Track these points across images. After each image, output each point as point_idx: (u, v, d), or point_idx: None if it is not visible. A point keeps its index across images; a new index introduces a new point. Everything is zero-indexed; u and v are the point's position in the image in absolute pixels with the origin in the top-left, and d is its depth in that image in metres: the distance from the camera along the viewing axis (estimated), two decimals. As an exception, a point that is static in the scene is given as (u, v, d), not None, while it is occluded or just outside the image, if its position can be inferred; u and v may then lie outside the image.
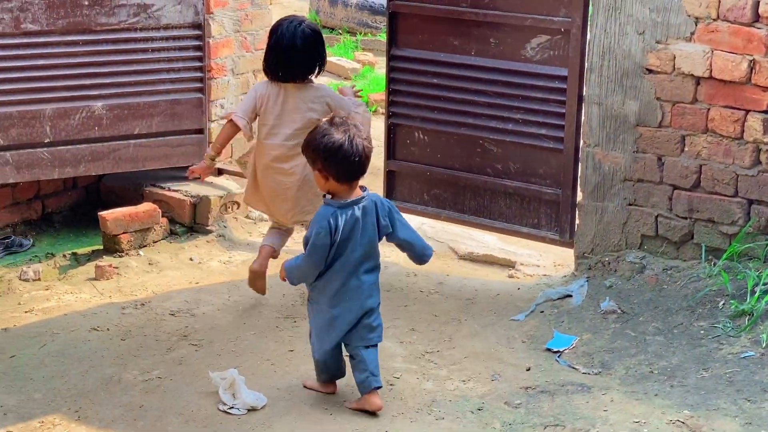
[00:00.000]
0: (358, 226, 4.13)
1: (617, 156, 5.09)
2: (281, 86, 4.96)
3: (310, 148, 4.16)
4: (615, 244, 5.18)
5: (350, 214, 4.12)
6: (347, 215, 4.11)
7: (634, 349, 4.61)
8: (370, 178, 7.13)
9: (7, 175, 5.73)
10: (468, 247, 5.88)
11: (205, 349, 4.71)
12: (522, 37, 5.35)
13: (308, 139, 4.19)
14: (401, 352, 4.71)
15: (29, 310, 5.12)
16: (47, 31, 5.70)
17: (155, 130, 6.05)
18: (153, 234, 5.90)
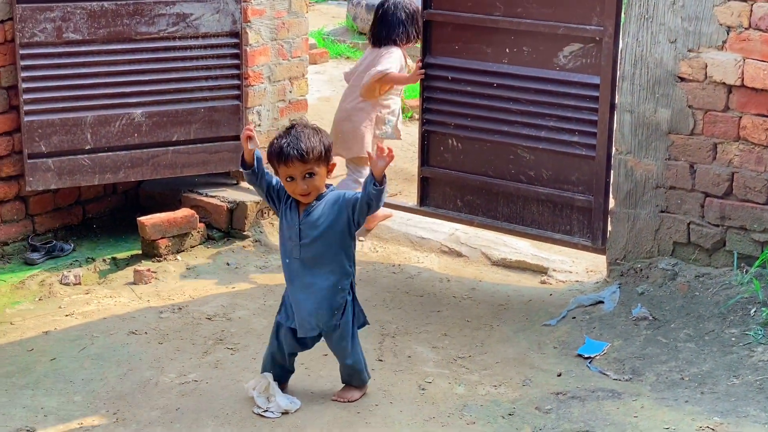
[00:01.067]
0: None
1: (649, 163, 5.12)
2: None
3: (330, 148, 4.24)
4: (647, 251, 5.20)
5: None
6: None
7: (665, 356, 4.63)
8: (405, 185, 7.23)
9: (48, 181, 5.86)
10: (501, 253, 5.93)
11: (240, 353, 4.79)
12: (555, 46, 5.39)
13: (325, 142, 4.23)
14: (433, 357, 4.76)
15: (70, 313, 5.22)
16: (89, 41, 5.82)
17: (193, 137, 6.15)
18: (190, 239, 6.00)
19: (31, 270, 5.74)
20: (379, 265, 5.83)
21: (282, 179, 4.22)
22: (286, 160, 4.14)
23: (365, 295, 5.41)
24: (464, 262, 5.91)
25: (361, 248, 6.06)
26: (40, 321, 5.13)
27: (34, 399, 4.40)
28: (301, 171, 4.15)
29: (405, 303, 5.34)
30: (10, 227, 5.90)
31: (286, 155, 4.13)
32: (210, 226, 6.16)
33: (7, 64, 5.69)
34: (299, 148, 4.12)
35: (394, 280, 5.63)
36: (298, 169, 4.14)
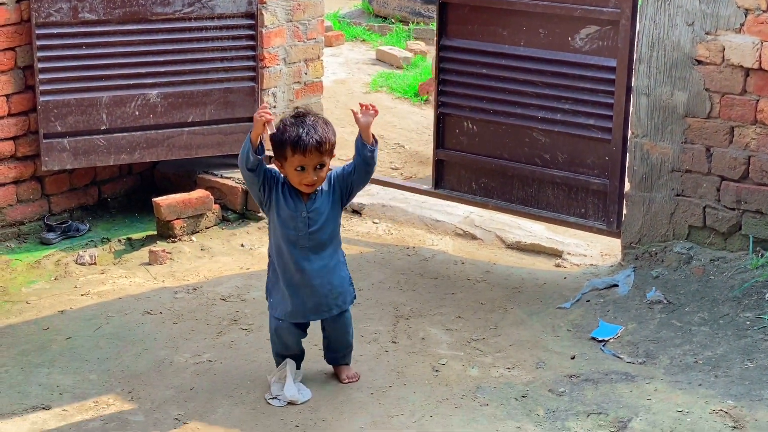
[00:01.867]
0: None
1: (665, 147, 5.10)
2: None
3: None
4: (662, 234, 5.19)
5: None
6: None
7: (679, 339, 4.63)
8: (419, 167, 7.23)
9: (64, 161, 5.88)
10: (515, 236, 5.92)
11: (254, 334, 4.81)
12: (571, 28, 5.37)
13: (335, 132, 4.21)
14: (447, 339, 4.77)
15: (85, 293, 5.25)
16: (104, 21, 5.82)
17: (208, 118, 6.16)
18: (205, 220, 6.01)
19: (47, 250, 5.77)
20: (394, 247, 5.83)
21: (290, 168, 4.11)
22: (304, 150, 4.06)
23: (379, 277, 5.42)
24: (479, 244, 5.91)
25: (375, 230, 6.07)
26: (55, 300, 5.16)
27: (49, 377, 4.43)
28: (315, 161, 4.10)
29: (419, 285, 5.34)
30: (26, 207, 5.93)
31: (305, 144, 4.06)
32: (225, 208, 6.17)
33: (23, 44, 5.70)
34: (319, 137, 4.08)
35: (409, 262, 5.63)
36: (313, 159, 4.09)
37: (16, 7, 5.64)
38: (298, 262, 4.19)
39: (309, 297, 4.24)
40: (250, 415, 4.15)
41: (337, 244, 4.28)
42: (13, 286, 5.34)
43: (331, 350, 4.44)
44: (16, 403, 4.23)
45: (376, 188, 6.43)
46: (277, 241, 4.22)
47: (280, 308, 4.27)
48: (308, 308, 4.26)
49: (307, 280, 4.21)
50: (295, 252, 4.18)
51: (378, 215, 6.23)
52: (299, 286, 4.22)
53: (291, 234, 4.17)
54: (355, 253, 5.72)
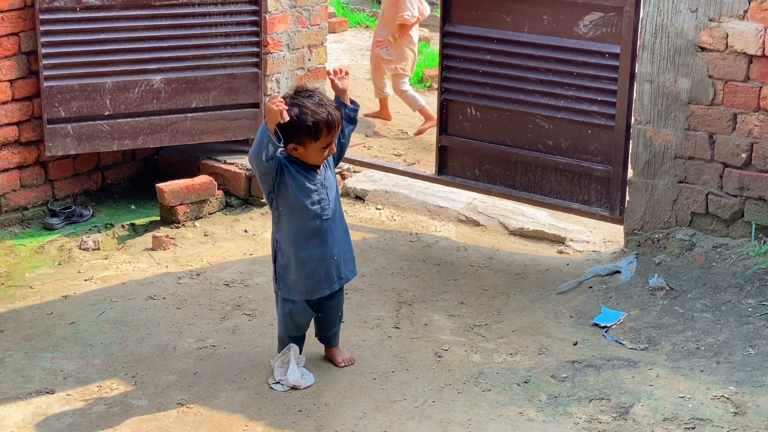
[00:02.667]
0: None
1: (668, 133, 5.10)
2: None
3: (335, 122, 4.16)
4: (665, 221, 5.20)
5: None
6: None
7: (681, 326, 4.64)
8: (423, 153, 7.23)
9: (68, 146, 5.88)
10: (518, 223, 5.93)
11: (258, 319, 4.82)
12: (575, 14, 5.37)
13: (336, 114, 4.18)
14: (450, 325, 4.78)
15: (89, 278, 5.26)
16: (108, 6, 5.82)
17: (212, 104, 6.16)
18: (209, 206, 6.02)
19: (50, 235, 5.78)
20: (397, 233, 5.84)
21: (317, 149, 4.10)
22: (333, 128, 4.10)
23: (382, 263, 5.43)
24: (482, 231, 5.91)
25: (378, 216, 6.08)
26: (59, 285, 5.17)
27: (53, 362, 4.44)
28: (333, 138, 4.15)
29: (422, 271, 5.35)
30: (30, 192, 5.94)
31: (334, 122, 4.09)
32: (228, 193, 6.18)
33: (27, 30, 5.71)
34: (338, 112, 4.15)
35: (412, 248, 5.64)
36: (333, 136, 4.14)
37: (19, -7, 5.65)
38: (326, 232, 4.20)
39: (330, 267, 4.24)
40: (253, 400, 4.17)
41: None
42: (17, 271, 5.36)
43: (324, 329, 4.45)
44: (20, 387, 4.25)
45: (379, 174, 6.43)
46: (296, 224, 4.18)
47: (296, 290, 4.24)
48: (328, 278, 4.25)
49: (329, 250, 4.22)
50: (323, 224, 4.18)
51: (381, 201, 6.23)
52: (322, 259, 4.21)
53: (316, 208, 4.16)
54: (358, 239, 5.72)
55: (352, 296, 5.02)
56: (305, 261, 4.20)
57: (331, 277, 4.26)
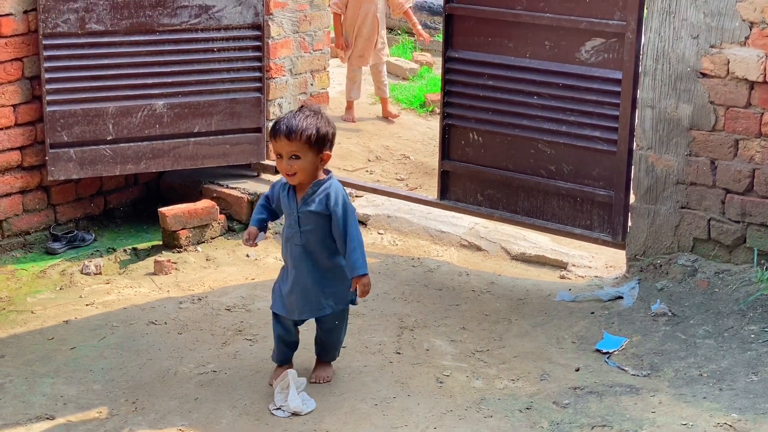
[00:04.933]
0: None
1: (670, 159, 5.11)
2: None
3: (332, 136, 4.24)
4: (667, 246, 5.19)
5: None
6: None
7: (684, 352, 4.62)
8: (425, 178, 7.24)
9: (70, 171, 5.90)
10: (520, 248, 5.92)
11: (259, 344, 4.81)
12: (576, 40, 5.38)
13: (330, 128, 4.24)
14: (451, 350, 4.77)
15: (90, 303, 5.26)
16: (111, 32, 5.85)
17: (214, 129, 6.18)
18: (211, 230, 6.02)
19: (52, 259, 5.78)
20: (399, 258, 5.84)
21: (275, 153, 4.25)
22: (275, 136, 4.19)
23: (384, 288, 5.42)
24: (483, 256, 5.91)
25: (380, 241, 6.08)
26: (60, 310, 5.17)
27: (53, 387, 4.43)
28: (287, 150, 4.17)
29: (424, 296, 5.35)
30: (32, 216, 5.95)
31: (275, 131, 4.20)
32: (230, 218, 6.18)
33: (30, 55, 5.73)
34: (289, 126, 4.16)
35: (414, 273, 5.63)
36: (284, 147, 4.17)
37: (23, 18, 5.67)
38: (293, 258, 4.32)
39: (300, 296, 4.31)
40: (254, 426, 4.15)
41: (335, 251, 4.31)
42: (19, 295, 5.36)
43: (317, 343, 4.52)
44: (21, 413, 4.24)
45: (381, 199, 6.44)
46: (282, 235, 4.40)
47: (277, 303, 4.39)
48: (298, 307, 4.34)
49: (299, 277, 4.30)
50: (292, 248, 4.31)
51: (383, 226, 6.24)
52: (294, 281, 4.31)
53: (288, 230, 4.33)
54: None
55: (354, 321, 5.01)
56: (282, 280, 4.40)
57: (304, 306, 4.33)
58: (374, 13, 8.53)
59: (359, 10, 8.56)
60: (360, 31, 8.58)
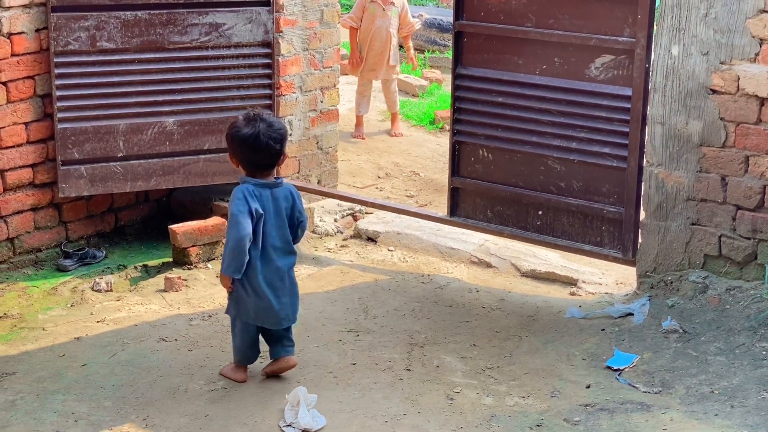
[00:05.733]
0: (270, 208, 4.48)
1: (680, 175, 5.10)
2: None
3: (227, 138, 4.55)
4: (678, 263, 5.18)
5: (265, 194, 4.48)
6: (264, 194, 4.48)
7: (695, 369, 4.61)
8: (434, 195, 7.24)
9: (81, 188, 5.91)
10: (530, 264, 5.92)
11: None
12: (586, 57, 5.39)
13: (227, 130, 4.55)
14: (461, 367, 4.76)
15: (101, 320, 5.27)
16: (122, 50, 5.88)
17: (224, 146, 6.16)
18: (221, 247, 6.02)
19: (63, 276, 5.80)
20: (409, 275, 5.84)
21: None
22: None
23: (394, 304, 5.42)
24: (493, 272, 5.91)
25: (390, 257, 6.08)
26: (71, 327, 5.18)
27: (65, 404, 4.44)
28: None
29: (434, 313, 5.34)
30: (44, 234, 5.96)
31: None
32: (240, 235, 6.18)
33: (42, 73, 5.76)
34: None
35: (424, 290, 5.63)
36: None
37: (35, 36, 5.70)
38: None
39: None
40: (264, 443, 4.15)
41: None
42: (30, 312, 5.37)
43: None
44: (32, 430, 4.24)
45: (391, 216, 6.44)
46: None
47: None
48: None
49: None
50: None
51: (393, 243, 6.24)
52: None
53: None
54: (369, 280, 5.73)
55: (364, 338, 5.02)
56: None
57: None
58: (387, 27, 8.57)
59: (372, 25, 8.61)
60: (372, 45, 8.62)
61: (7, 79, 5.63)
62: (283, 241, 4.51)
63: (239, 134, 4.43)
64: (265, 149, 4.43)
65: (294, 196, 4.54)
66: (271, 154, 4.45)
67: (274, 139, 4.43)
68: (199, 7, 5.99)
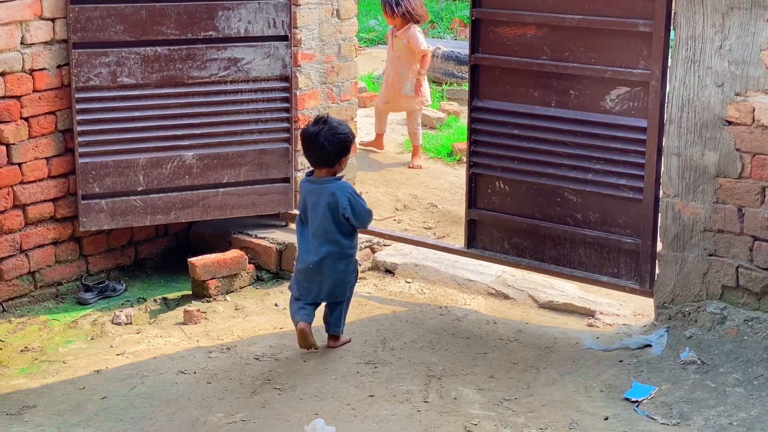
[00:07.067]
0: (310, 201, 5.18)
1: (697, 206, 5.11)
2: None
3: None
4: (695, 294, 5.18)
5: (311, 189, 5.20)
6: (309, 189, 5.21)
7: (714, 400, 4.60)
8: (452, 227, 7.26)
9: (102, 222, 5.97)
10: (548, 296, 5.92)
11: (287, 393, 4.83)
12: (602, 89, 5.42)
13: None
14: (479, 399, 4.77)
15: (121, 353, 5.30)
16: (142, 85, 5.95)
17: (243, 179, 6.25)
18: (240, 280, 6.07)
19: (84, 309, 5.84)
20: (426, 306, 5.85)
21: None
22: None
23: (412, 336, 5.43)
24: (511, 304, 5.92)
25: (408, 289, 6.10)
26: (91, 360, 5.22)
27: (84, 437, 4.47)
28: None
29: (451, 344, 5.35)
30: (65, 267, 6.02)
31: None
32: (259, 267, 6.23)
33: (63, 108, 5.83)
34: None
35: (441, 321, 5.65)
36: None
37: (56, 72, 5.78)
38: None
39: None
40: (282, 476, 4.16)
41: None
42: (51, 345, 5.41)
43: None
44: (52, 462, 4.27)
45: (409, 248, 6.47)
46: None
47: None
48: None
49: None
50: None
51: (411, 275, 6.26)
52: None
53: None
54: (387, 312, 5.75)
55: (382, 369, 5.03)
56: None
57: None
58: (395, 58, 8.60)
59: (387, 57, 8.69)
60: (386, 77, 8.68)
61: (29, 115, 5.71)
62: (322, 231, 5.15)
63: (305, 132, 5.21)
64: (320, 149, 5.12)
65: (338, 195, 5.13)
66: (325, 153, 5.13)
67: (331, 142, 5.11)
68: (218, 42, 6.06)
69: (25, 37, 5.63)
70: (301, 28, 6.36)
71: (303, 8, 6.35)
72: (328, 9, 6.52)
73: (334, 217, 5.13)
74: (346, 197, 5.13)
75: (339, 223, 5.14)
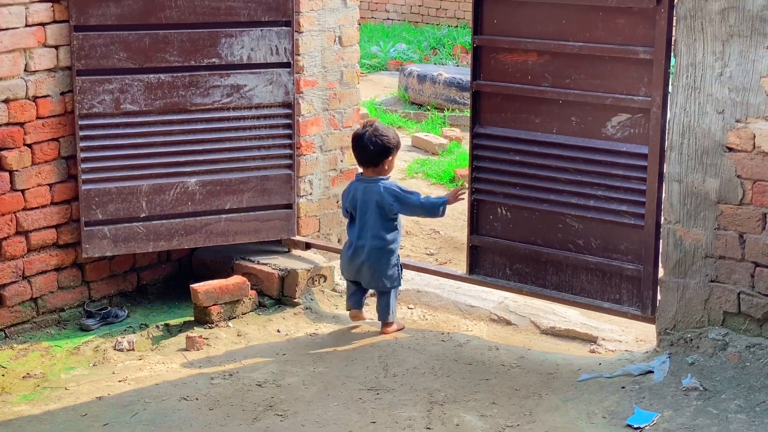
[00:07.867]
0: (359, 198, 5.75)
1: (698, 233, 5.12)
2: None
3: None
4: (697, 320, 5.18)
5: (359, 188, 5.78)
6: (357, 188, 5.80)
7: (716, 427, 4.60)
8: (454, 253, 7.27)
9: (104, 248, 5.98)
10: (550, 322, 5.93)
11: (290, 420, 4.83)
12: (603, 116, 5.44)
13: None
14: (481, 425, 4.76)
15: (123, 379, 5.30)
16: (145, 112, 5.98)
17: (246, 205, 6.26)
18: (242, 306, 6.07)
19: (86, 336, 5.85)
20: (428, 332, 5.85)
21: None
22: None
23: (414, 362, 5.43)
24: (513, 330, 5.92)
25: (410, 315, 6.10)
26: (93, 386, 5.22)
27: (86, 463, 4.46)
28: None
29: (453, 371, 5.35)
30: (67, 294, 6.02)
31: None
32: (261, 294, 6.23)
33: (66, 135, 5.86)
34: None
35: (443, 347, 5.65)
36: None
37: (60, 99, 5.81)
38: None
39: None
40: (284, 503, 4.16)
41: None
42: (53, 372, 5.41)
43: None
44: (54, 489, 4.27)
45: (411, 274, 6.47)
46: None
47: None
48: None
49: None
50: None
51: (413, 300, 6.26)
52: None
53: None
54: (389, 338, 5.75)
55: (384, 396, 5.03)
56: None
57: None
58: None
59: None
60: None
61: (32, 142, 5.74)
62: (369, 226, 5.71)
63: (354, 133, 5.82)
64: (364, 149, 5.72)
65: (383, 192, 5.68)
66: (369, 153, 5.71)
67: (374, 144, 5.68)
68: (220, 69, 6.09)
69: (29, 65, 5.66)
70: (304, 55, 6.39)
71: (305, 35, 6.39)
72: (330, 36, 6.55)
73: (381, 213, 5.69)
74: (392, 195, 5.68)
75: (384, 220, 5.70)
